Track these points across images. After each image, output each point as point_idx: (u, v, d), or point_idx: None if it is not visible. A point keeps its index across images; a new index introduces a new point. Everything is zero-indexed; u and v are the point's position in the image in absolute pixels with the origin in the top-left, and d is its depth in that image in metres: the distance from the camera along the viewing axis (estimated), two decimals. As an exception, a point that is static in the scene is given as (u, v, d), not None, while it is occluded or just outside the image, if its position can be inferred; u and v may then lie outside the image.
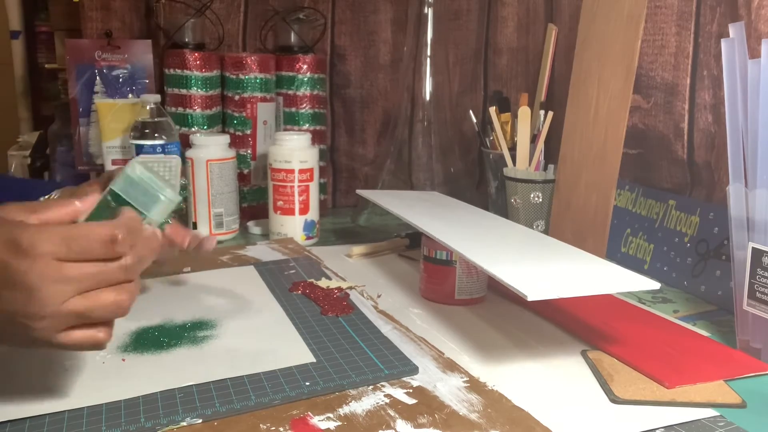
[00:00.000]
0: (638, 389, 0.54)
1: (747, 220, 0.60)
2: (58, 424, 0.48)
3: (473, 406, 0.51)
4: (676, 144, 0.88)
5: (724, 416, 0.50)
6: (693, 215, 0.79)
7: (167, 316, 0.67)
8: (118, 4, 1.13)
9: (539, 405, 0.51)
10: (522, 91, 1.03)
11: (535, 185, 0.93)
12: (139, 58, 1.11)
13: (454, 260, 0.72)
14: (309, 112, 1.12)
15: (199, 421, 0.48)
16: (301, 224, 0.97)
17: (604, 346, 0.62)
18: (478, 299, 0.74)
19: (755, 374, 0.57)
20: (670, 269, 0.80)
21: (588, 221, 0.87)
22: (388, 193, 0.99)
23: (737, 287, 0.61)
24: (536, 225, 0.94)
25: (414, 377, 0.56)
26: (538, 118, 0.96)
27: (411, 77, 1.11)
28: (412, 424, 0.48)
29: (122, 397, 0.51)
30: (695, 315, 0.71)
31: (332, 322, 0.66)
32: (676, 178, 0.89)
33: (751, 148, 0.59)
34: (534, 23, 1.12)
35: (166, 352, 0.59)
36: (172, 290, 0.75)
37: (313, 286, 0.76)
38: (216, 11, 1.14)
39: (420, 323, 0.68)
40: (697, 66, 0.85)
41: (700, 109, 0.85)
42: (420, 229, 0.75)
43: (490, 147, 1.03)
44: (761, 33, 0.75)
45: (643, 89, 0.91)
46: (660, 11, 0.88)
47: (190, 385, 0.53)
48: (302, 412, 0.50)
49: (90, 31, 1.12)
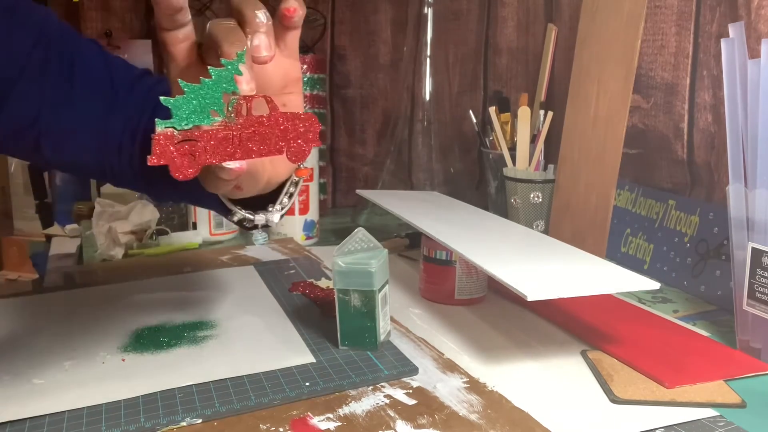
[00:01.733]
0: (638, 389, 0.54)
1: (747, 220, 0.60)
2: (57, 424, 0.48)
3: (473, 406, 0.51)
4: (676, 144, 0.88)
5: (724, 416, 0.50)
6: (693, 215, 0.79)
7: (167, 316, 0.67)
8: (118, 4, 1.13)
9: (539, 405, 0.51)
10: (522, 91, 1.03)
11: (535, 185, 0.93)
12: (139, 58, 1.11)
13: (454, 260, 0.72)
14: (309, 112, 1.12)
15: (198, 421, 0.48)
16: (301, 224, 0.97)
17: (604, 346, 0.62)
18: (478, 299, 0.74)
19: (755, 374, 0.57)
20: (670, 269, 0.80)
21: (588, 221, 0.87)
22: (388, 193, 0.99)
23: (737, 287, 0.61)
24: (536, 225, 0.94)
25: (414, 378, 0.56)
26: (538, 118, 0.96)
27: (411, 77, 1.11)
28: (411, 424, 0.48)
29: (122, 397, 0.51)
30: (695, 315, 0.71)
31: (332, 323, 0.66)
32: (676, 178, 0.89)
33: (751, 148, 0.59)
34: (534, 23, 1.12)
35: (166, 352, 0.59)
36: (172, 290, 0.75)
37: (313, 286, 0.76)
38: (216, 11, 1.14)
39: (420, 323, 0.68)
40: (697, 66, 0.85)
41: (700, 109, 0.85)
42: (420, 229, 0.74)
43: (490, 147, 1.03)
44: (761, 33, 0.75)
45: (643, 89, 0.91)
46: (660, 11, 0.88)
47: (190, 385, 0.53)
48: (302, 413, 0.50)
49: (90, 31, 1.12)
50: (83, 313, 0.69)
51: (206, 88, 0.39)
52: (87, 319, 0.67)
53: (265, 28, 0.42)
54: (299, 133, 0.43)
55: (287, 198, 0.52)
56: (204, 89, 0.39)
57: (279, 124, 0.42)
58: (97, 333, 0.63)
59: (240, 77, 0.39)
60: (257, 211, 0.51)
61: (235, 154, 0.40)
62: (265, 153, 0.42)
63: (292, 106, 0.48)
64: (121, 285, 0.77)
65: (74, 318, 0.67)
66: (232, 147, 0.40)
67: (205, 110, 0.39)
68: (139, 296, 0.73)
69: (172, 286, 0.77)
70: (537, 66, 1.04)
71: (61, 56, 0.55)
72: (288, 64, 0.47)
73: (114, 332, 0.63)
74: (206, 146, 0.39)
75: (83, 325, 0.65)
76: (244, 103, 0.41)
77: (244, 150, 0.41)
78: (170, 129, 0.38)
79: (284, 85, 0.47)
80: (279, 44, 0.46)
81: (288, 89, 0.48)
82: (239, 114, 0.41)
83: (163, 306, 0.70)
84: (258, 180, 0.48)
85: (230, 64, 0.39)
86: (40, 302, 0.72)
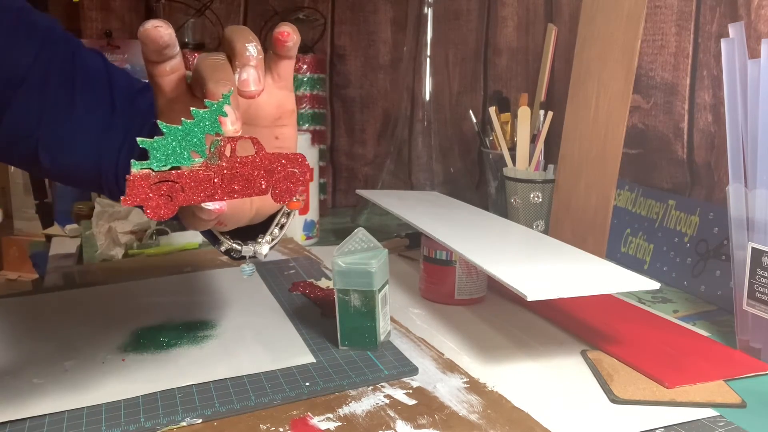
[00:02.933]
0: (638, 389, 0.54)
1: (747, 220, 0.60)
2: (57, 424, 0.48)
3: (473, 406, 0.51)
4: (676, 144, 0.88)
5: (724, 416, 0.50)
6: (693, 215, 0.79)
7: (167, 316, 0.67)
8: (118, 4, 1.13)
9: (539, 405, 0.51)
10: (522, 91, 1.03)
11: (535, 185, 0.93)
12: (139, 58, 1.11)
13: (454, 260, 0.72)
14: (309, 112, 1.12)
15: (198, 421, 0.48)
16: (301, 224, 0.97)
17: (604, 346, 0.62)
18: (478, 299, 0.74)
19: (755, 374, 0.57)
20: (670, 269, 0.80)
21: (588, 221, 0.87)
22: (387, 193, 0.99)
23: (737, 287, 0.61)
24: (536, 225, 0.94)
25: (414, 378, 0.56)
26: (538, 118, 0.96)
27: (411, 77, 1.11)
28: (411, 424, 0.48)
29: (122, 397, 0.51)
30: (695, 315, 0.71)
31: (332, 323, 0.66)
32: (676, 178, 0.89)
33: (751, 148, 0.59)
34: (534, 23, 1.12)
35: (166, 352, 0.59)
36: (172, 290, 0.75)
37: (313, 287, 0.76)
38: (216, 11, 1.14)
39: (420, 323, 0.68)
40: (697, 66, 0.85)
41: (700, 109, 0.85)
42: (420, 229, 0.75)
43: (490, 147, 1.03)
44: (761, 33, 0.75)
45: (643, 89, 0.91)
46: (660, 11, 0.88)
47: (190, 385, 0.53)
48: (302, 413, 0.50)
49: (90, 31, 1.12)
50: (83, 313, 0.69)
51: (187, 129, 0.37)
52: (87, 320, 0.67)
53: (255, 61, 0.41)
54: (287, 174, 0.42)
55: (278, 229, 0.50)
56: (185, 131, 0.37)
57: (264, 165, 0.41)
58: (96, 333, 0.63)
59: (225, 118, 0.38)
60: (246, 241, 0.49)
61: (214, 195, 0.39)
62: (247, 194, 0.40)
63: (284, 139, 0.47)
64: (121, 285, 0.77)
65: (74, 318, 0.67)
66: (213, 188, 0.39)
67: (185, 152, 0.38)
68: (139, 296, 0.73)
69: (172, 286, 0.77)
70: (537, 66, 1.04)
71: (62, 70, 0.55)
72: (282, 96, 0.46)
73: (114, 332, 0.63)
74: (184, 187, 0.38)
75: (83, 325, 0.65)
76: (228, 143, 0.39)
77: (226, 191, 0.39)
78: (147, 170, 0.37)
79: (277, 117, 0.46)
80: (273, 75, 0.45)
81: (281, 121, 0.46)
82: (222, 155, 0.39)
83: (163, 306, 0.70)
84: (241, 217, 0.46)
85: (215, 105, 0.38)
86: (40, 302, 0.72)
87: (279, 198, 0.42)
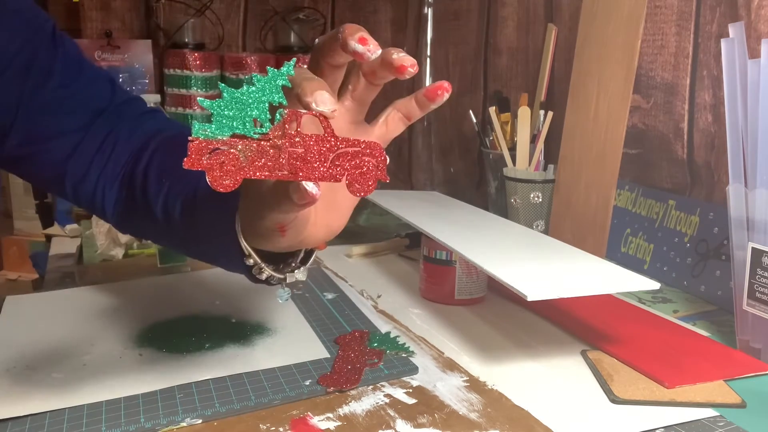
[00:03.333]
0: (638, 389, 0.54)
1: (747, 220, 0.60)
2: (58, 425, 0.48)
3: (473, 405, 0.51)
4: (676, 144, 0.88)
5: (724, 416, 0.50)
6: (693, 215, 0.79)
7: (167, 316, 0.67)
8: (118, 4, 1.13)
9: (539, 405, 0.51)
10: (522, 91, 1.03)
11: (535, 185, 0.93)
12: (139, 58, 1.11)
13: (454, 260, 0.72)
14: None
15: (199, 421, 0.48)
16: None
17: (604, 346, 0.62)
18: (478, 299, 0.74)
19: (755, 374, 0.57)
20: (670, 269, 0.80)
21: (588, 221, 0.87)
22: (388, 193, 0.99)
23: (737, 287, 0.61)
24: (536, 225, 0.94)
25: (414, 377, 0.56)
26: (538, 118, 0.96)
27: (411, 77, 1.11)
28: (411, 423, 0.48)
29: (122, 395, 0.51)
30: (695, 315, 0.71)
31: (332, 322, 0.66)
32: (676, 178, 0.89)
33: (751, 148, 0.59)
34: (534, 23, 1.12)
35: (166, 351, 0.59)
36: (171, 290, 0.75)
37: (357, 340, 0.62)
38: (216, 11, 1.14)
39: (420, 323, 0.68)
40: (697, 66, 0.85)
41: (700, 109, 0.85)
42: (420, 229, 0.74)
43: (490, 147, 1.03)
44: (761, 33, 0.75)
45: (643, 89, 0.91)
46: (660, 11, 0.88)
47: (190, 385, 0.53)
48: (302, 412, 0.50)
49: (90, 31, 1.12)
50: (82, 313, 0.68)
51: (249, 93, 0.35)
52: (86, 320, 0.67)
53: None
54: (362, 161, 0.37)
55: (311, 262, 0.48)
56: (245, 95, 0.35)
57: (332, 147, 0.36)
58: (96, 333, 0.63)
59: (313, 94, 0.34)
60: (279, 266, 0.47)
61: (277, 171, 0.35)
62: (316, 177, 0.36)
63: None
64: (121, 285, 0.77)
65: (73, 318, 0.67)
66: (276, 164, 0.35)
67: (246, 118, 0.35)
68: (139, 296, 0.73)
69: (172, 285, 0.77)
70: (537, 66, 1.04)
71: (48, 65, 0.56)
72: None
73: (114, 332, 0.63)
74: (246, 158, 0.35)
75: (82, 325, 0.65)
76: (293, 118, 0.35)
77: (292, 168, 0.35)
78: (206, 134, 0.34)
79: None
80: None
81: None
82: (285, 129, 0.35)
83: (163, 306, 0.70)
84: (301, 230, 0.42)
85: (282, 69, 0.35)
86: (39, 302, 0.72)
87: (354, 188, 0.37)
